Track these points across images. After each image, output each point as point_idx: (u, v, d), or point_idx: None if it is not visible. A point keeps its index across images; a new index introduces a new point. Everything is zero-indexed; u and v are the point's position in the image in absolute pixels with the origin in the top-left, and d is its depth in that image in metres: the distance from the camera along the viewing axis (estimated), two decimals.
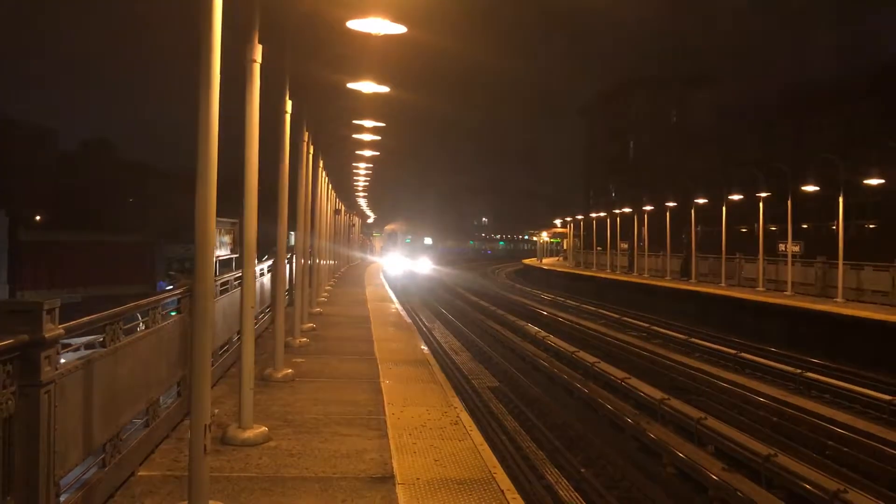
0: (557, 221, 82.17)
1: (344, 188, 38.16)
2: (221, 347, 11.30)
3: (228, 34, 5.95)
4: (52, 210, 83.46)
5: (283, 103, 11.15)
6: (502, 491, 6.58)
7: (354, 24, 9.31)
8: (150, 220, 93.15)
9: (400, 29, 9.36)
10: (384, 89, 13.09)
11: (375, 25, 9.25)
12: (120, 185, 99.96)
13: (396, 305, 23.48)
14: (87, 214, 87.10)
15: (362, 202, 53.45)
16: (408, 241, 61.82)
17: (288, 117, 11.38)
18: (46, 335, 4.71)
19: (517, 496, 6.51)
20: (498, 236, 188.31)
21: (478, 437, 8.33)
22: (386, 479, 6.78)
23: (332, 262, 32.72)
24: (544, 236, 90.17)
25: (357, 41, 10.04)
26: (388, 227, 57.15)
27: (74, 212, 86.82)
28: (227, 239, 19.05)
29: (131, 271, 75.79)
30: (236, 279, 11.68)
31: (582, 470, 13.38)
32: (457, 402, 10.08)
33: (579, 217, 69.26)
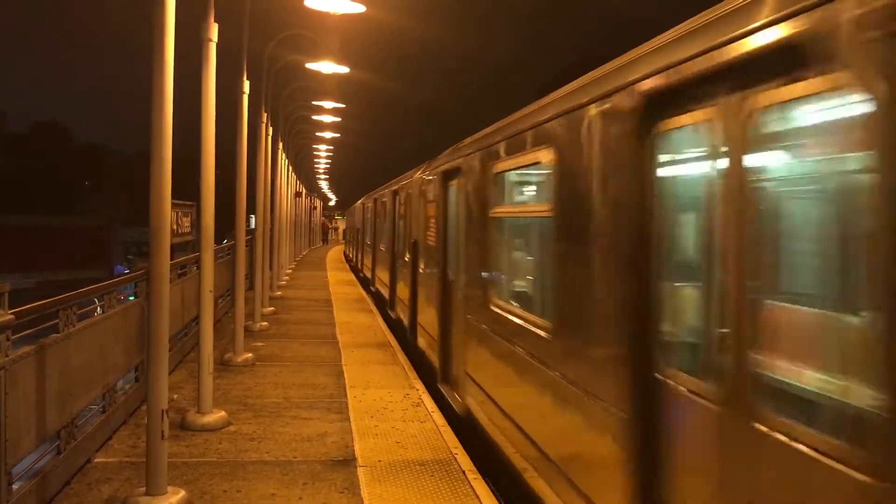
0: None
1: (305, 170, 37.80)
2: (180, 332, 11.16)
3: (183, 11, 5.80)
4: (2, 193, 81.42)
5: (241, 83, 10.95)
6: (464, 472, 6.60)
7: (313, 3, 9.17)
8: (105, 203, 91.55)
9: (359, 8, 9.25)
10: (344, 69, 12.95)
11: (334, 4, 9.12)
12: (74, 168, 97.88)
13: (359, 288, 23.39)
14: (41, 198, 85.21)
15: (324, 184, 53.05)
16: None
17: (245, 98, 11.17)
18: None
19: (478, 476, 6.53)
20: None
21: (440, 418, 8.35)
22: (347, 462, 6.77)
23: (293, 245, 32.42)
24: None
25: (315, 20, 9.90)
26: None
27: (27, 195, 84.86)
28: (184, 222, 18.65)
29: (87, 255, 74.51)
30: (195, 262, 11.52)
31: None
32: (419, 384, 10.08)
33: None
